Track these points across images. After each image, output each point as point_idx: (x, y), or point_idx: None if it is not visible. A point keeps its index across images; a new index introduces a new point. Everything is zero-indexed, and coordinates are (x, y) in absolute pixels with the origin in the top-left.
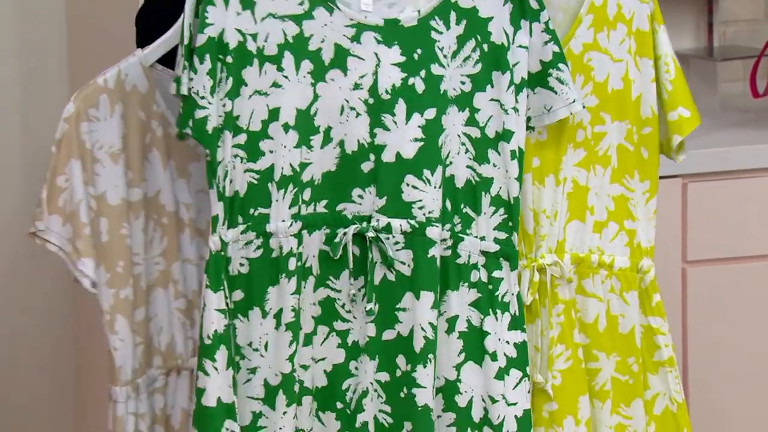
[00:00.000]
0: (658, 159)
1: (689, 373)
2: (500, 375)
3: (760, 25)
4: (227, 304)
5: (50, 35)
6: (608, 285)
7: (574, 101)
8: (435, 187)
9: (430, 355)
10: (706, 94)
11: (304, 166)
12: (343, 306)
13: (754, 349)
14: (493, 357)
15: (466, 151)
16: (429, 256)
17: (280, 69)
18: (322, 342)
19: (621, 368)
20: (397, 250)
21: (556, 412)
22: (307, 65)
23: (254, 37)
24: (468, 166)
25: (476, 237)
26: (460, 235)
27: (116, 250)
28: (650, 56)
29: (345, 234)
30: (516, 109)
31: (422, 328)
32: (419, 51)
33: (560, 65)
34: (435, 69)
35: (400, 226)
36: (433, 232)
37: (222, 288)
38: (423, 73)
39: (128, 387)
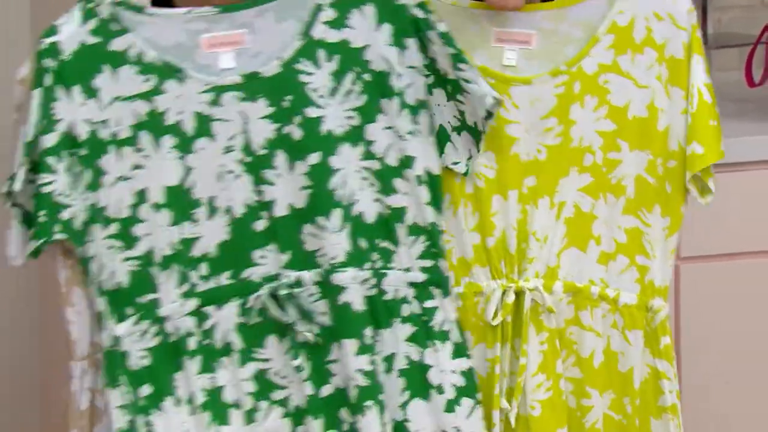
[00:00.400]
0: (684, 196)
1: (682, 374)
2: (450, 407)
3: (756, 12)
4: (132, 400)
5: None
6: (610, 320)
7: (485, 95)
8: (333, 232)
9: (368, 402)
10: None
11: (190, 241)
12: (276, 373)
13: (749, 348)
14: (440, 390)
15: (371, 185)
16: (340, 303)
17: (138, 150)
18: (266, 417)
19: (615, 407)
20: (313, 302)
21: None
22: (168, 141)
23: (105, 123)
24: (376, 200)
25: (400, 270)
26: (382, 271)
27: None
28: (683, 86)
29: (257, 299)
30: (415, 132)
31: (352, 377)
32: (289, 98)
33: (460, 65)
34: (311, 112)
35: (311, 277)
36: (340, 278)
37: (119, 384)
38: (297, 119)
39: (85, 361)
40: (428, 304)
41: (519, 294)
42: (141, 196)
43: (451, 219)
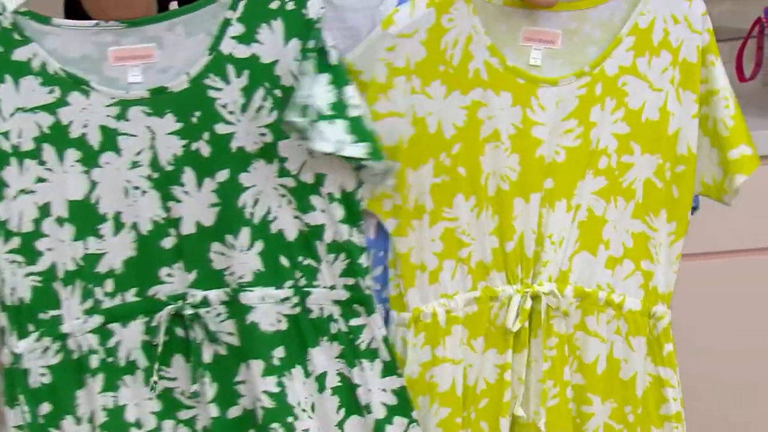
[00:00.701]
0: (691, 200)
1: None
2: (380, 427)
3: (746, 5)
4: (31, 419)
5: None
6: (614, 326)
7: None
8: (242, 251)
9: (274, 425)
10: None
11: (96, 257)
12: (182, 393)
13: (740, 348)
14: (368, 409)
15: (289, 202)
16: (248, 323)
17: (41, 163)
18: None
19: (616, 416)
20: (221, 322)
21: None
22: (72, 154)
23: (6, 135)
24: (295, 217)
25: (325, 287)
26: (306, 289)
27: None
28: (695, 90)
29: (162, 317)
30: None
31: (259, 399)
32: (197, 114)
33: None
34: (220, 128)
35: (218, 297)
36: (248, 297)
37: (18, 404)
38: (206, 135)
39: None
40: (354, 322)
41: (534, 298)
42: (44, 210)
43: (474, 222)
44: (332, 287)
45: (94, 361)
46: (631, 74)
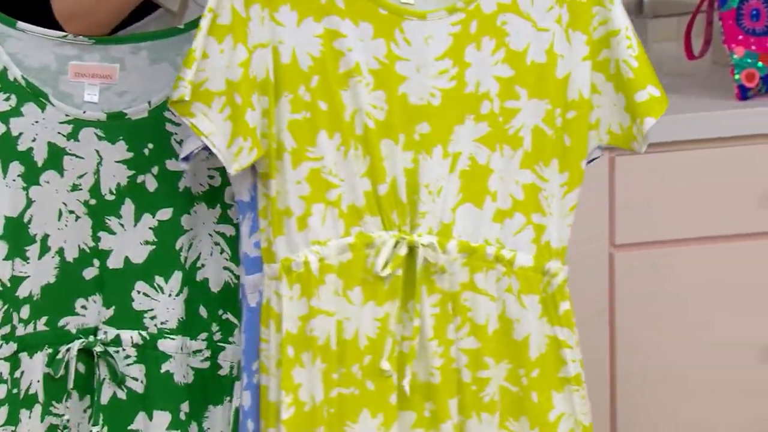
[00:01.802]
0: (585, 149)
1: (617, 370)
2: None
3: None
4: None
5: None
6: (506, 283)
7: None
8: (170, 295)
9: None
10: None
11: (18, 280)
12: None
13: (688, 342)
14: None
15: (221, 251)
16: (162, 371)
17: None
18: None
19: (511, 377)
20: (128, 364)
21: (436, 413)
22: (16, 167)
23: None
24: (225, 268)
25: (240, 345)
26: (220, 344)
27: None
28: (585, 31)
29: (68, 351)
30: None
31: None
32: (150, 146)
33: None
34: (172, 164)
35: (131, 338)
36: (167, 345)
37: None
38: (156, 169)
39: None
40: None
41: (412, 249)
42: None
43: (342, 162)
44: None
45: (2, 392)
46: (512, 12)
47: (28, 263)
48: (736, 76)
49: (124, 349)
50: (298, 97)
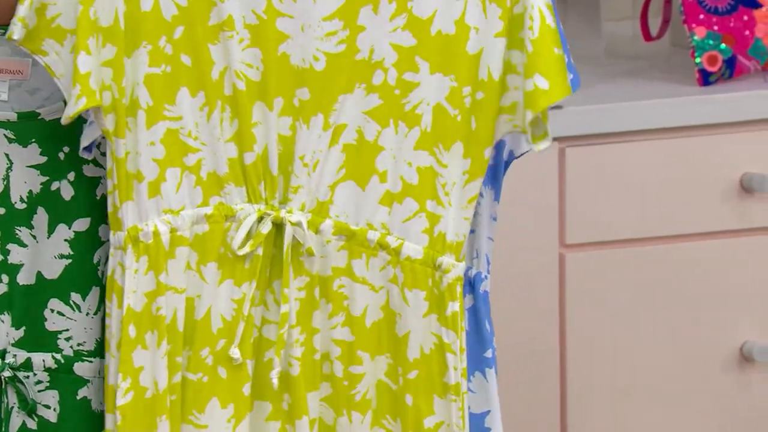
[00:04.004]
0: (492, 136)
1: (567, 376)
2: None
3: None
4: None
5: None
6: (390, 273)
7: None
8: (87, 314)
9: None
10: (587, 36)
11: None
12: None
13: (643, 349)
14: None
15: None
16: (78, 398)
17: None
18: None
19: (391, 374)
20: (39, 391)
21: (293, 407)
22: None
23: None
24: None
25: None
26: None
27: None
28: (501, 4)
29: None
30: None
31: None
32: (66, 149)
33: None
34: (89, 170)
35: (43, 361)
36: (85, 368)
37: None
38: (72, 176)
39: None
40: None
41: (280, 227)
42: None
43: (204, 124)
44: None
45: None
46: None
47: None
48: (697, 60)
49: (35, 374)
50: (157, 48)
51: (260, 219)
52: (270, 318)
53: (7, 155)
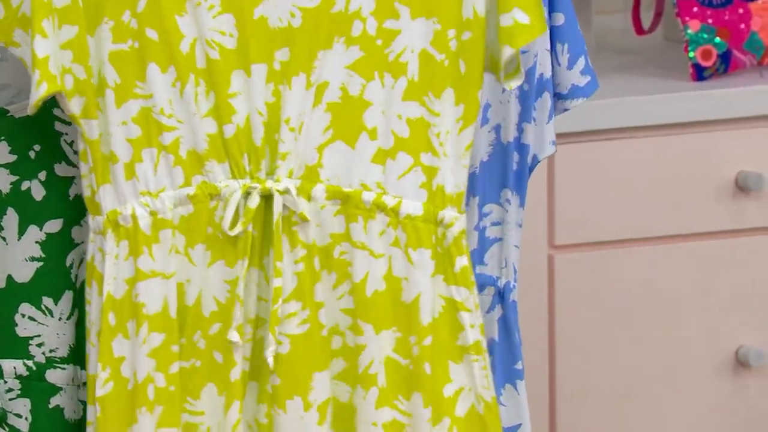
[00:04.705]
0: (482, 77)
1: (556, 379)
2: None
3: None
4: None
5: None
6: (391, 236)
7: None
8: (60, 319)
9: None
10: None
11: None
12: None
13: (633, 350)
14: None
15: None
16: (51, 406)
17: None
18: None
19: (401, 348)
20: (10, 399)
21: (279, 388)
22: None
23: None
24: None
25: None
26: None
27: None
28: None
29: None
30: None
31: None
32: (37, 148)
33: None
34: (61, 170)
35: (14, 368)
36: (57, 375)
37: None
38: (43, 175)
39: None
40: None
41: (269, 198)
42: None
43: (178, 100)
44: None
45: None
46: None
47: None
48: (691, 54)
49: (5, 382)
50: (121, 23)
51: (247, 194)
52: (265, 296)
53: None
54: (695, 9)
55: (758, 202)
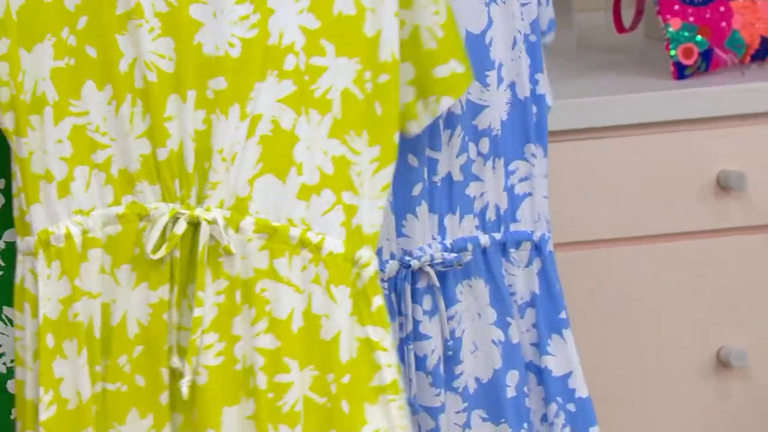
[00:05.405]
0: (397, 120)
1: None
2: None
3: None
4: None
5: None
6: (312, 273)
7: None
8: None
9: None
10: (558, 27)
11: None
12: None
13: (615, 350)
14: None
15: None
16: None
17: None
18: None
19: (317, 387)
20: None
21: (197, 420)
22: None
23: None
24: None
25: None
26: None
27: None
28: None
29: None
30: None
31: None
32: None
33: None
34: None
35: None
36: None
37: None
38: (2, 183)
39: None
40: None
41: (197, 226)
42: None
43: (113, 119)
44: None
45: None
46: None
47: None
48: (672, 52)
49: None
50: (61, 40)
51: (175, 219)
52: (185, 324)
53: None
54: (676, 7)
55: (740, 202)
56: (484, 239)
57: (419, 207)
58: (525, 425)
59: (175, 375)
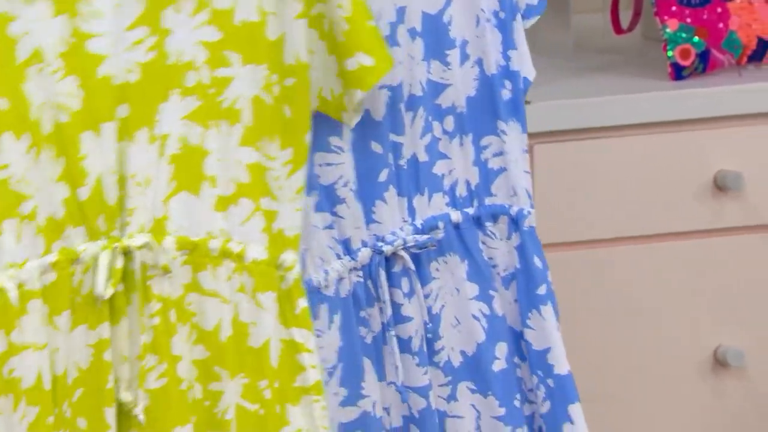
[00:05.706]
0: (308, 122)
1: None
2: None
3: None
4: None
5: None
6: (237, 282)
7: None
8: None
9: None
10: (556, 28)
11: None
12: None
13: (613, 350)
14: None
15: None
16: None
17: None
18: None
19: (249, 394)
20: None
21: None
22: None
23: None
24: None
25: None
26: None
27: None
28: None
29: None
30: None
31: None
32: None
33: None
34: None
35: None
36: None
37: None
38: None
39: None
40: None
41: (126, 255)
42: None
43: (34, 168)
44: None
45: None
46: None
47: None
48: (670, 53)
49: None
50: None
51: (113, 254)
52: (126, 355)
53: None
54: (674, 8)
55: (737, 202)
56: (456, 215)
57: (387, 192)
58: (517, 395)
59: (123, 410)
